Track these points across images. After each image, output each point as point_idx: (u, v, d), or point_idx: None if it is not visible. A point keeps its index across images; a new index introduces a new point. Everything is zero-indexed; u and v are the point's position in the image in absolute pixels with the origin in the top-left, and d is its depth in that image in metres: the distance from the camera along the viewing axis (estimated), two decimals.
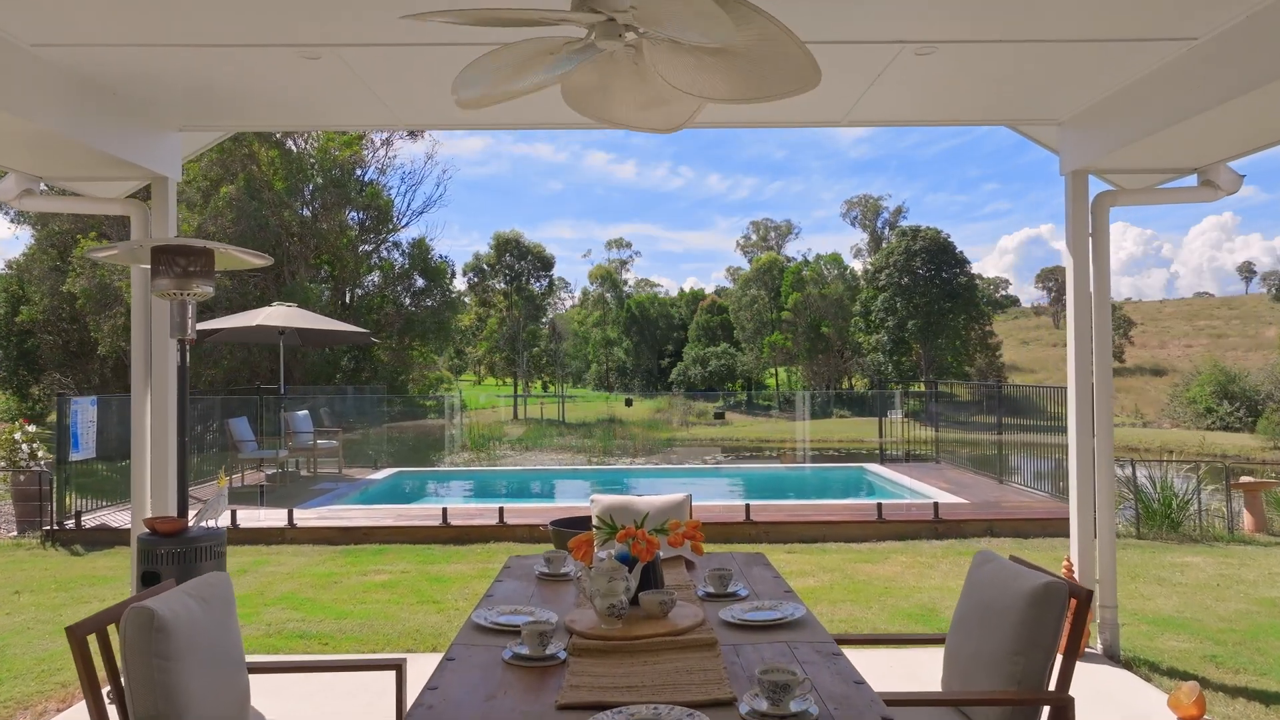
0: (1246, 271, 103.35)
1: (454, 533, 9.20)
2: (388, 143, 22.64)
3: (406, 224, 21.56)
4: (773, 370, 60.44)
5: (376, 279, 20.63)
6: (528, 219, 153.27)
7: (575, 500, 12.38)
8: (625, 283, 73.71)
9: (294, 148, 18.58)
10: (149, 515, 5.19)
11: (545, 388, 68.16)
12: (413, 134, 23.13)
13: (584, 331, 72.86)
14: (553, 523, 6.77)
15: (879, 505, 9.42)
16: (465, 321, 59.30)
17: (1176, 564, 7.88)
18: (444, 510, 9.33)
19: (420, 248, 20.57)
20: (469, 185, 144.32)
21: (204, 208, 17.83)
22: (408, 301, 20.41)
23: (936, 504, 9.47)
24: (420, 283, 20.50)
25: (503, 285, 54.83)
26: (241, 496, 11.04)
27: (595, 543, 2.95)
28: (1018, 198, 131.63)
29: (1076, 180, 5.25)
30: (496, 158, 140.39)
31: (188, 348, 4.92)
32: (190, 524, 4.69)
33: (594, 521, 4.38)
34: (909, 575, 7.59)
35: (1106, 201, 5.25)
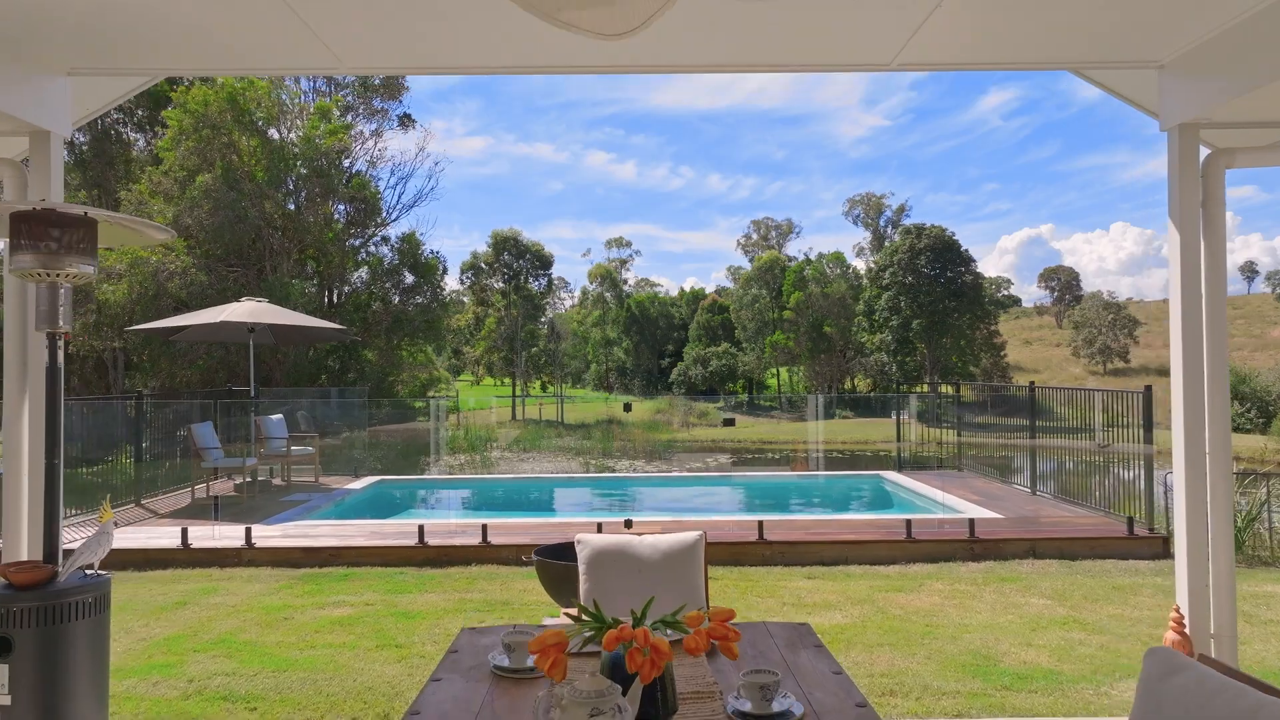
0: (1249, 271, 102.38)
1: (431, 553, 8.15)
2: (378, 134, 21.56)
3: (396, 218, 20.49)
4: (774, 370, 59.39)
5: (365, 275, 19.50)
6: (528, 219, 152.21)
7: (571, 514, 11.33)
8: (625, 282, 72.70)
9: (276, 135, 17.43)
10: (19, 558, 4.13)
11: (544, 388, 67.07)
12: (403, 124, 22.09)
13: (583, 331, 71.82)
14: (538, 552, 5.71)
15: (908, 522, 8.37)
16: (461, 322, 58.22)
17: (1259, 595, 6.82)
18: (420, 528, 8.28)
19: (410, 242, 19.38)
20: (469, 185, 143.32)
21: (180, 198, 16.72)
22: (397, 299, 19.27)
23: (972, 521, 8.41)
24: (410, 279, 19.35)
25: (501, 284, 53.80)
26: (197, 511, 9.98)
27: (571, 645, 1.89)
28: (1018, 198, 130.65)
29: (1184, 138, 4.18)
30: (496, 158, 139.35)
31: (61, 344, 3.86)
32: (60, 571, 3.64)
33: (578, 583, 3.34)
34: (951, 608, 6.53)
35: (1221, 163, 4.19)
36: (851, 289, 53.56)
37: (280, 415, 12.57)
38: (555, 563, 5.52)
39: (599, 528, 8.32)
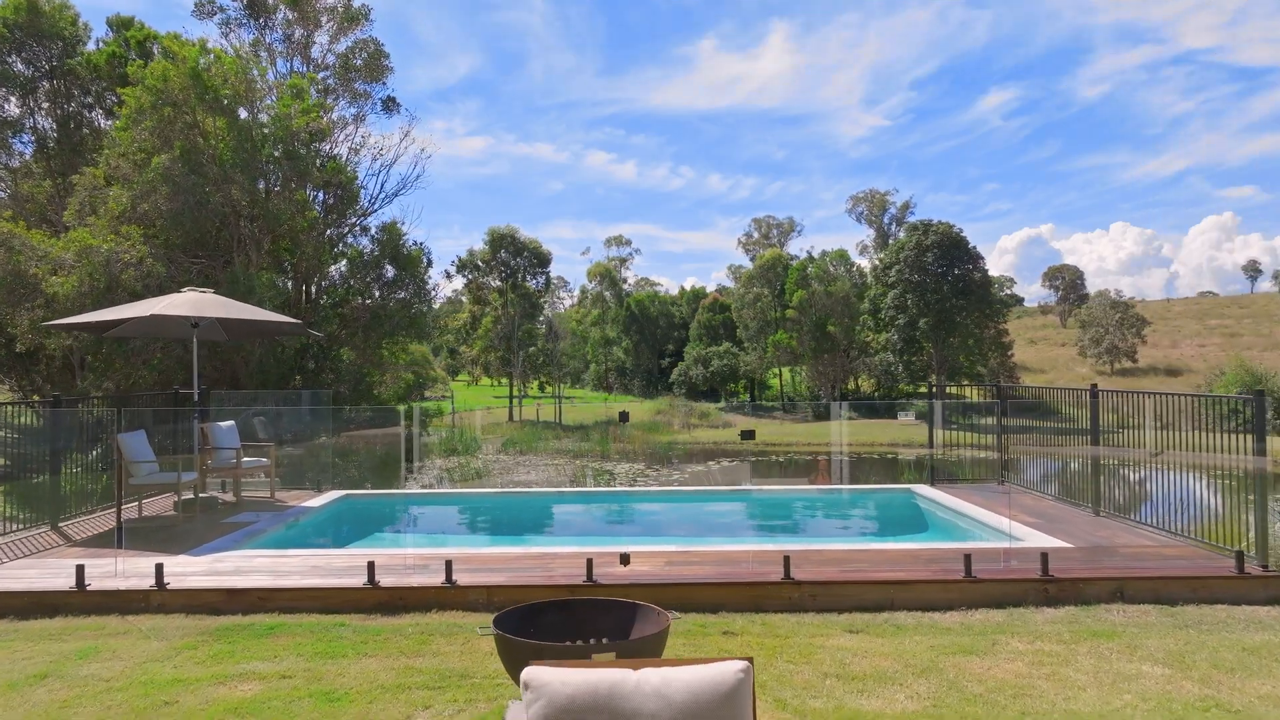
0: (1253, 270, 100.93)
1: (383, 597, 6.57)
2: (359, 118, 19.89)
3: (378, 208, 18.79)
4: (776, 370, 57.80)
5: (344, 269, 17.81)
6: (528, 219, 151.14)
7: (558, 540, 9.72)
8: (625, 281, 71.17)
9: (245, 115, 15.69)
10: None
11: (542, 389, 65.42)
12: (387, 108, 20.32)
13: (582, 331, 70.25)
14: (497, 621, 4.14)
15: (967, 557, 6.78)
16: (457, 321, 56.52)
17: None
18: (370, 566, 6.69)
19: (391, 232, 17.63)
20: (469, 185, 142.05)
21: (138, 182, 15.06)
22: (378, 294, 17.55)
23: (1045, 555, 6.82)
24: (391, 272, 17.59)
25: (498, 282, 52.20)
26: (109, 539, 8.37)
27: None
28: (1018, 198, 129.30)
29: None
30: (497, 158, 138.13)
31: None
32: None
33: None
34: (1042, 681, 4.96)
35: None
36: (855, 287, 52.01)
37: (232, 422, 10.99)
38: (517, 641, 3.96)
39: (589, 565, 6.74)
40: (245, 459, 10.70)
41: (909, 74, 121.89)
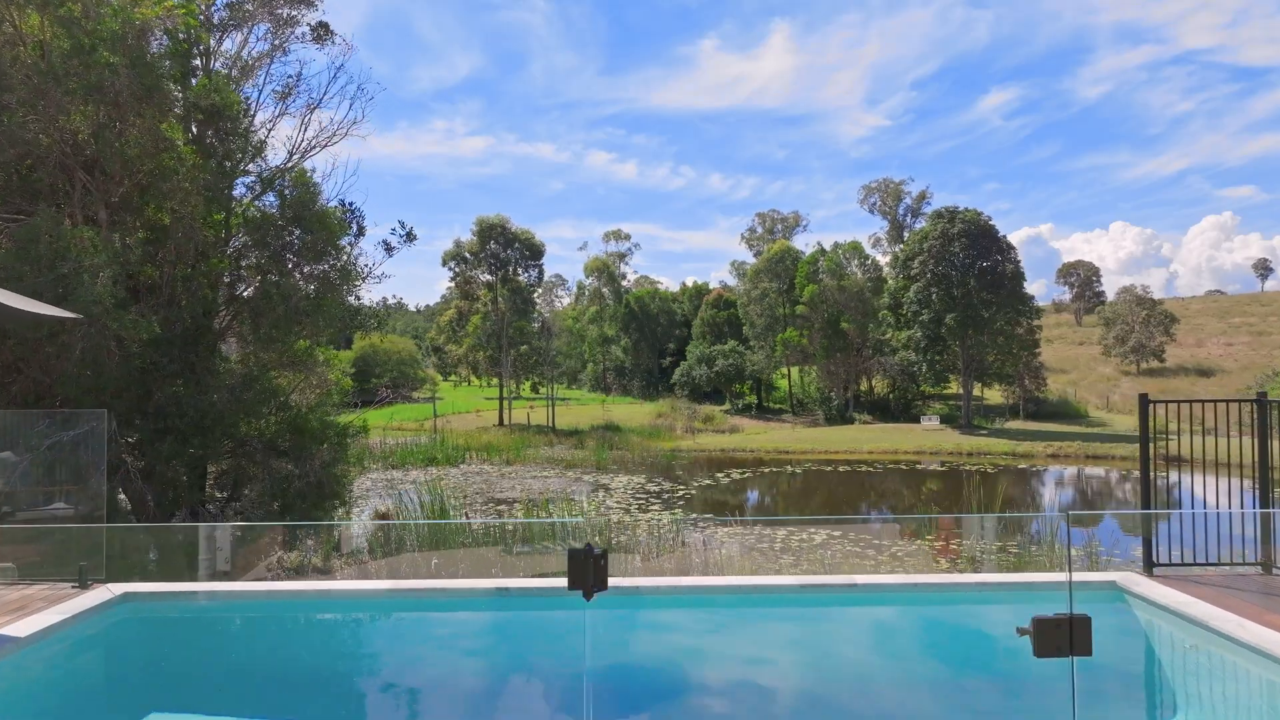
0: (1263, 269, 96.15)
1: None
2: (280, 49, 14.69)
3: (297, 162, 13.41)
4: (784, 371, 52.73)
5: (245, 240, 12.63)
6: (529, 218, 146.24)
7: None
8: (624, 278, 66.06)
9: (81, 14, 10.46)
10: None
11: (535, 389, 60.34)
12: (317, 38, 15.19)
13: (579, 329, 65.18)
14: None
15: None
16: (444, 318, 51.48)
17: None
18: None
19: (300, 184, 12.33)
20: (470, 185, 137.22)
21: None
22: (291, 268, 12.38)
23: None
24: (296, 238, 12.18)
25: (487, 276, 47.13)
26: None
27: None
28: (1018, 197, 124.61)
29: None
30: (497, 157, 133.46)
31: None
32: None
33: None
34: None
35: None
36: (871, 282, 46.96)
37: None
38: None
39: None
40: None
41: (910, 74, 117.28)
